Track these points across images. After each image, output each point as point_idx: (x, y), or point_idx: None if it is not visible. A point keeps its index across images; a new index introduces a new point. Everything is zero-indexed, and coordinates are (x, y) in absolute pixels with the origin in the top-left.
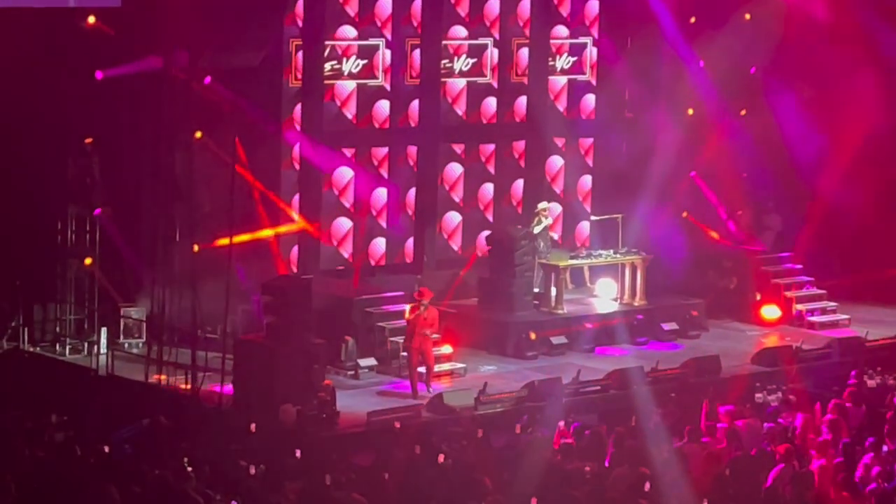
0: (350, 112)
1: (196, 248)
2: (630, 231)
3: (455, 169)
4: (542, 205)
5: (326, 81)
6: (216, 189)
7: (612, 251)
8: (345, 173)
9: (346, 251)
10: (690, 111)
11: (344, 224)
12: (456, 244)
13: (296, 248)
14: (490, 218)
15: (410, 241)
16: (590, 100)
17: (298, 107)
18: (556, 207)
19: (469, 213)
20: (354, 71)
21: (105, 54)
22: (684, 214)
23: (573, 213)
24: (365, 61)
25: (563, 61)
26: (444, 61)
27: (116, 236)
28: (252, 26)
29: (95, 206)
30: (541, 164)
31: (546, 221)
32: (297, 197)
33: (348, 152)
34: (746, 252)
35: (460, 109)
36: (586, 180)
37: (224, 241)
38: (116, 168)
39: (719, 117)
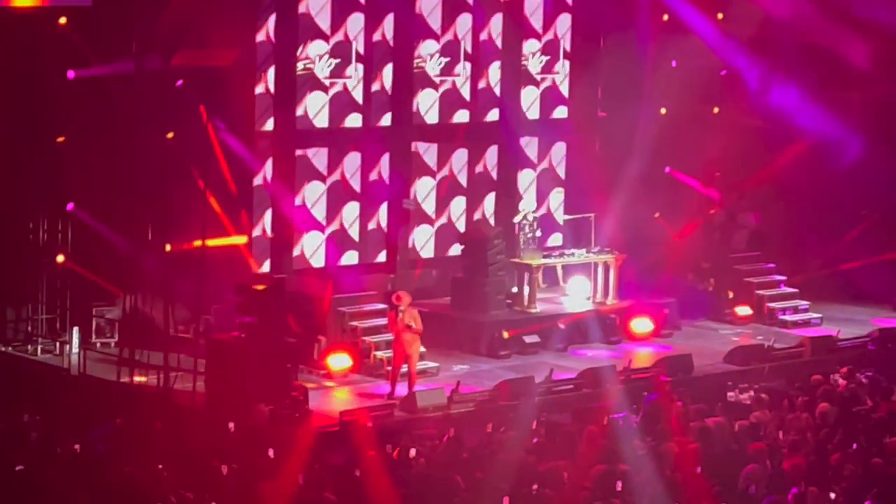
0: (322, 114)
1: (168, 247)
2: (603, 230)
3: (428, 165)
4: (524, 205)
5: (299, 75)
6: (188, 189)
7: (584, 250)
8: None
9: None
10: (663, 110)
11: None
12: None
13: (269, 248)
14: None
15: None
16: (562, 99)
17: (270, 109)
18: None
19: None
20: (327, 71)
21: (77, 54)
22: (656, 215)
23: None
24: (338, 60)
25: (535, 61)
26: (416, 60)
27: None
28: (224, 26)
29: (67, 204)
30: (513, 168)
31: (531, 217)
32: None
33: (321, 153)
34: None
35: (433, 110)
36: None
37: (197, 243)
38: (88, 167)
39: (692, 116)
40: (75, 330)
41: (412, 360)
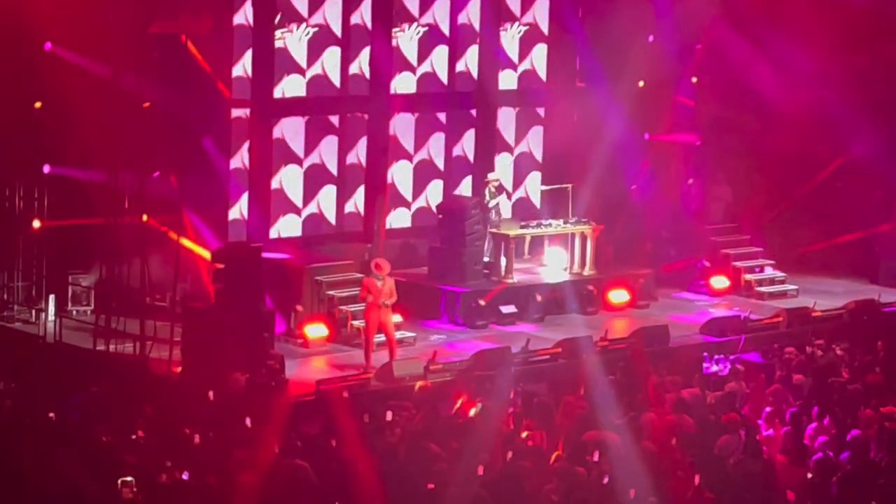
0: (300, 83)
1: (145, 217)
2: (580, 201)
3: (406, 133)
4: (492, 175)
5: (277, 44)
6: (166, 157)
7: (561, 221)
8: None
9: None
10: (641, 83)
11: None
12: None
13: (247, 215)
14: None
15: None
16: (541, 69)
17: (248, 57)
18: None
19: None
20: (305, 38)
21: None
22: (633, 187)
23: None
24: (315, 30)
25: (514, 30)
26: (394, 30)
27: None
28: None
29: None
30: (491, 136)
31: (499, 198)
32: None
33: (300, 119)
34: (696, 223)
35: (411, 80)
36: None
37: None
38: (65, 133)
39: (671, 88)
40: (51, 297)
41: (390, 329)
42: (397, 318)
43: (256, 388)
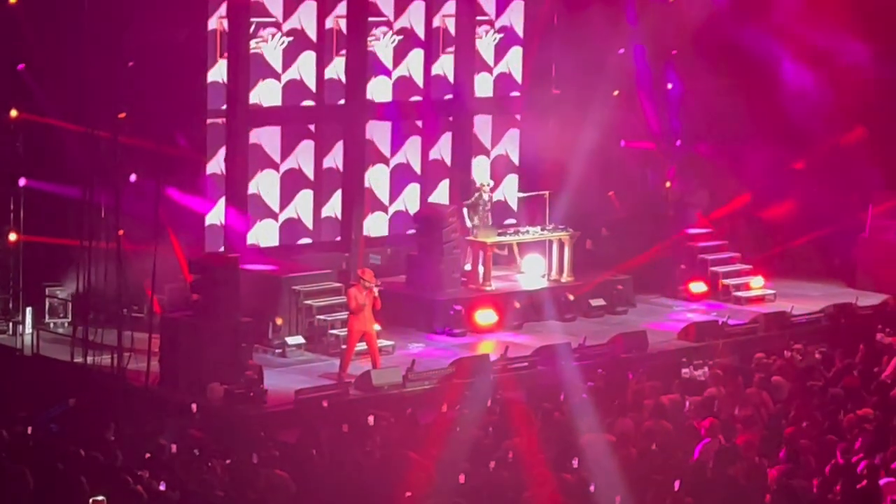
0: (276, 89)
1: (121, 232)
2: (557, 208)
3: (382, 141)
4: (483, 181)
5: (252, 51)
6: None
7: (539, 228)
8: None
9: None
10: (616, 92)
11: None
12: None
13: (224, 226)
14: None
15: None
16: (516, 76)
17: (223, 72)
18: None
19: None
20: (280, 47)
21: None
22: (610, 194)
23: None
24: (290, 39)
25: (489, 38)
26: (370, 38)
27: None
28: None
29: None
30: (467, 142)
31: (486, 197)
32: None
33: (276, 130)
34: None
35: (387, 88)
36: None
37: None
38: (41, 145)
39: (646, 96)
40: (28, 310)
41: (372, 338)
42: (375, 327)
43: (235, 399)
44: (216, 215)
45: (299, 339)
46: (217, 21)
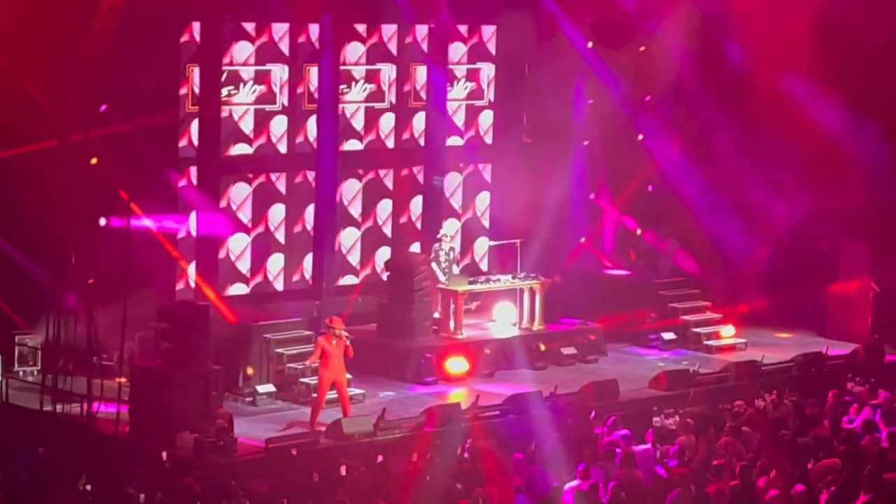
0: (247, 140)
1: (91, 281)
2: (528, 256)
3: (353, 189)
4: (445, 230)
5: (224, 106)
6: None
7: (510, 276)
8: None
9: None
10: (586, 142)
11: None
12: (354, 262)
13: (195, 273)
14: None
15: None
16: (487, 125)
17: (195, 128)
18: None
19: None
20: (251, 97)
21: None
22: (582, 240)
23: (470, 232)
24: (262, 87)
25: (460, 87)
26: (342, 86)
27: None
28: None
29: None
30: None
31: (449, 250)
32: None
33: (248, 186)
34: (644, 279)
35: (358, 136)
36: (484, 199)
37: None
38: (11, 191)
39: (615, 144)
40: None
41: (343, 386)
42: (347, 375)
43: (205, 448)
44: (185, 279)
45: (270, 388)
46: (187, 69)
